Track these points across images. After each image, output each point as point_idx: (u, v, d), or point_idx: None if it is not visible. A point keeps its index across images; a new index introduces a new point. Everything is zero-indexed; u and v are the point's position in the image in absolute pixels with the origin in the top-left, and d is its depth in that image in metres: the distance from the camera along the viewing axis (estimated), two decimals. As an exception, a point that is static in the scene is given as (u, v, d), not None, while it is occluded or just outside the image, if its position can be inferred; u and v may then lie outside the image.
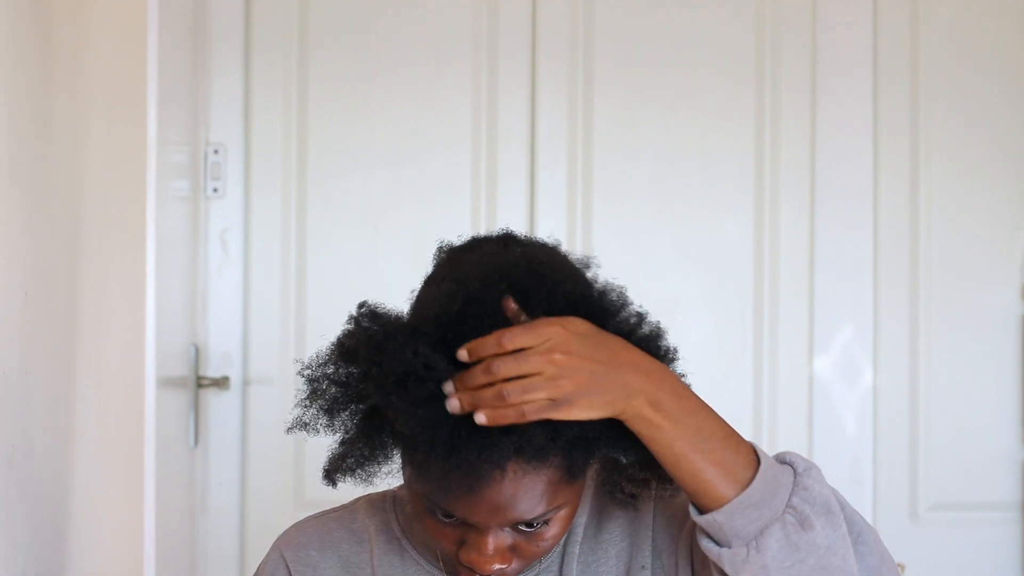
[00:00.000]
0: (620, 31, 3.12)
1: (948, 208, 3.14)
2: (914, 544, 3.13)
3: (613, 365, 1.13)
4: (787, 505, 1.16)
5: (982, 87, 3.15)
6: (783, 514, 1.16)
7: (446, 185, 3.07)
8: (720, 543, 1.17)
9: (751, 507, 1.15)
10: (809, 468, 1.18)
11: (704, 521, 1.16)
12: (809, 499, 1.16)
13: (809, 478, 1.18)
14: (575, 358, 1.11)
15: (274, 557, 1.39)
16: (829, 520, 1.17)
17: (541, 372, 1.11)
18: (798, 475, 1.17)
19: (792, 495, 1.16)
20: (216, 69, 3.02)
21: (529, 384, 1.11)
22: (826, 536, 1.16)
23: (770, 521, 1.15)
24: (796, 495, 1.16)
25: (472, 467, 1.13)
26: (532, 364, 1.11)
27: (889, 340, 3.12)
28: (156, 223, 2.24)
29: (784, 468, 1.18)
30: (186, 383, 2.85)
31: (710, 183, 3.11)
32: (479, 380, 1.12)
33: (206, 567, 2.99)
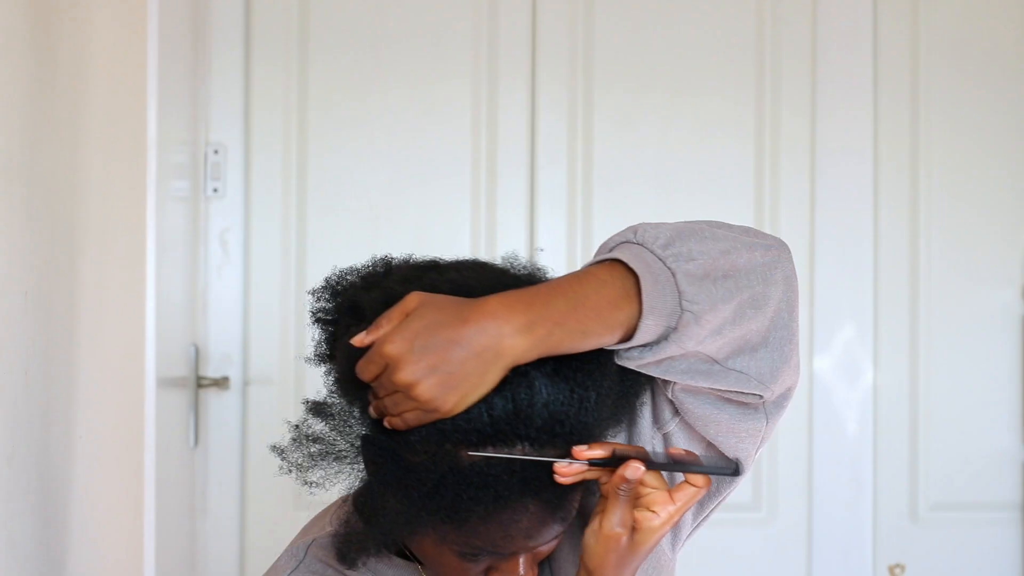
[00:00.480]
0: (620, 32, 3.12)
1: (948, 208, 3.14)
2: (914, 544, 3.13)
3: (459, 342, 1.11)
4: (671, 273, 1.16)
5: (982, 88, 3.15)
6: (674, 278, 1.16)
7: (446, 184, 3.07)
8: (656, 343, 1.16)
9: (652, 312, 1.14)
10: (655, 235, 1.18)
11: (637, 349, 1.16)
12: (683, 254, 1.16)
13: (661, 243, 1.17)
14: (415, 366, 1.11)
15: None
16: (699, 242, 1.17)
17: (396, 391, 1.12)
18: (656, 252, 1.17)
19: (672, 269, 1.16)
20: (216, 69, 3.02)
21: (394, 401, 1.13)
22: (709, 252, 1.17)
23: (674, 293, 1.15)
24: (674, 265, 1.16)
25: (532, 508, 1.16)
26: (388, 387, 1.13)
27: (889, 340, 3.13)
28: (156, 223, 2.24)
29: (641, 252, 1.16)
30: (186, 383, 2.85)
31: (710, 182, 3.11)
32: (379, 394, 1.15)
33: (206, 567, 2.99)
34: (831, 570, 3.11)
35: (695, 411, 1.24)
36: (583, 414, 1.16)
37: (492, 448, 1.14)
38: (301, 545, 1.34)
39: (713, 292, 1.15)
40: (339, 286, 1.25)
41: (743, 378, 1.19)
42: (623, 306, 1.14)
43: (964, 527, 3.15)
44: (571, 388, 1.15)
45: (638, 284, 1.14)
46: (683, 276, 1.15)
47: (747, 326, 1.18)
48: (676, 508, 1.19)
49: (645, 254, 1.16)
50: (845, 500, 3.12)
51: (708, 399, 1.23)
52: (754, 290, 1.18)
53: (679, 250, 1.16)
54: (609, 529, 1.18)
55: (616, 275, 1.15)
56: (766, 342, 1.20)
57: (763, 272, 1.19)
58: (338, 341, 1.22)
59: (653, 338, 1.15)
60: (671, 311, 1.14)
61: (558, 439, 1.16)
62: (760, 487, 3.13)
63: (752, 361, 1.19)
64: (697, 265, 1.16)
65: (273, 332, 3.05)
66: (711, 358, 1.18)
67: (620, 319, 1.14)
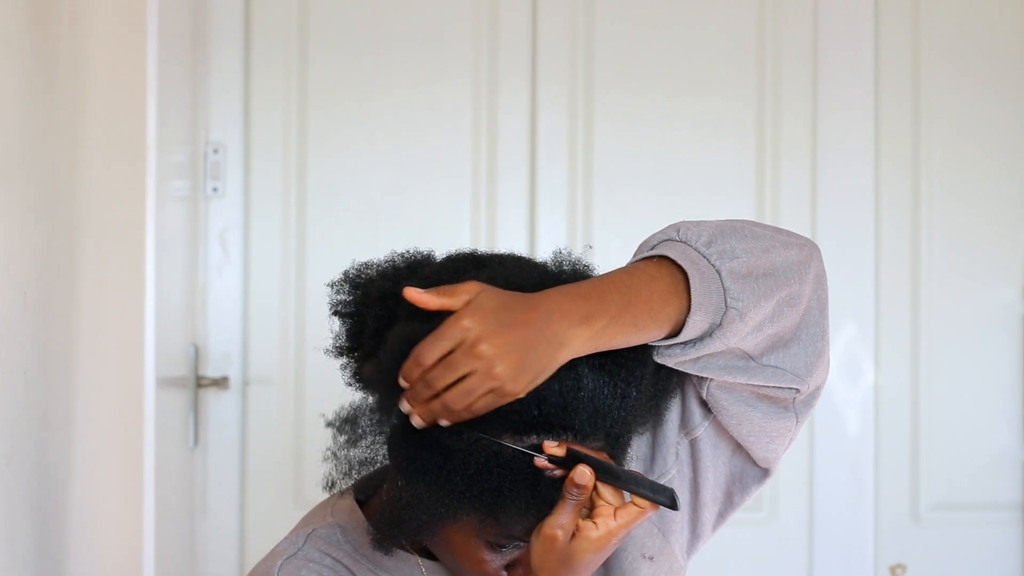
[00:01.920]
0: (621, 32, 3.12)
1: (949, 208, 3.14)
2: (915, 544, 3.13)
3: (532, 324, 1.12)
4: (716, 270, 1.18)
5: (983, 88, 3.15)
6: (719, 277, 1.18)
7: (446, 184, 3.07)
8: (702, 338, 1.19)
9: (700, 308, 1.17)
10: (698, 234, 1.21)
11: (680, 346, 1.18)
12: (727, 252, 1.19)
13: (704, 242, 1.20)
14: (497, 340, 1.11)
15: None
16: (740, 240, 1.21)
17: (473, 370, 1.11)
18: (700, 249, 1.19)
19: (716, 267, 1.18)
20: (216, 69, 3.02)
21: (466, 388, 1.11)
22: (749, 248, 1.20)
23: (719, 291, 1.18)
24: (719, 263, 1.18)
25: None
26: (461, 367, 1.11)
27: (890, 340, 3.12)
28: (156, 223, 2.24)
29: (686, 250, 1.19)
30: (186, 383, 2.85)
31: (711, 182, 3.11)
32: (425, 395, 1.13)
33: (206, 567, 2.99)
34: (832, 570, 3.11)
35: (729, 409, 1.25)
36: (624, 409, 1.18)
37: (536, 438, 1.15)
38: (302, 533, 1.34)
39: (756, 289, 1.18)
40: (358, 279, 1.25)
41: (778, 372, 1.21)
42: (672, 301, 1.16)
43: (965, 527, 3.14)
44: (614, 383, 1.17)
45: (686, 280, 1.16)
46: (727, 273, 1.18)
47: (782, 323, 1.20)
48: (616, 525, 1.17)
49: (690, 251, 1.19)
50: (846, 500, 3.12)
51: (743, 396, 1.25)
52: (791, 287, 1.20)
53: (722, 248, 1.19)
54: (549, 529, 1.17)
55: (664, 271, 1.18)
56: (798, 338, 1.22)
57: (798, 270, 1.21)
58: (365, 333, 1.22)
59: (698, 334, 1.17)
60: (717, 307, 1.17)
61: (599, 432, 1.17)
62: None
63: (786, 356, 1.21)
64: (740, 263, 1.18)
65: (273, 332, 3.05)
66: (747, 354, 1.20)
67: (669, 314, 1.16)
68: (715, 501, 1.34)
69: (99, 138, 1.84)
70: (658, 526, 1.33)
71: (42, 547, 1.50)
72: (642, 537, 1.33)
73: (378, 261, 1.26)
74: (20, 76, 1.44)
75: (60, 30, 1.61)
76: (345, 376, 1.27)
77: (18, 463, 1.42)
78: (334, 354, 1.27)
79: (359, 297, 1.24)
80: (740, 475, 1.32)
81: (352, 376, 1.26)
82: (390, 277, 1.23)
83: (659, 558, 1.33)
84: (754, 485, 1.33)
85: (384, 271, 1.25)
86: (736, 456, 1.31)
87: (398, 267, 1.24)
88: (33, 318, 1.48)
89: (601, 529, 1.17)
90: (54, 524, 1.58)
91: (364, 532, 1.31)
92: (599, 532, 1.17)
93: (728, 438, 1.30)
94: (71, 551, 1.66)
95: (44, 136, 1.53)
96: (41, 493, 1.51)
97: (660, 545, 1.33)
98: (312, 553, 1.32)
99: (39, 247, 1.51)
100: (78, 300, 1.68)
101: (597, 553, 1.18)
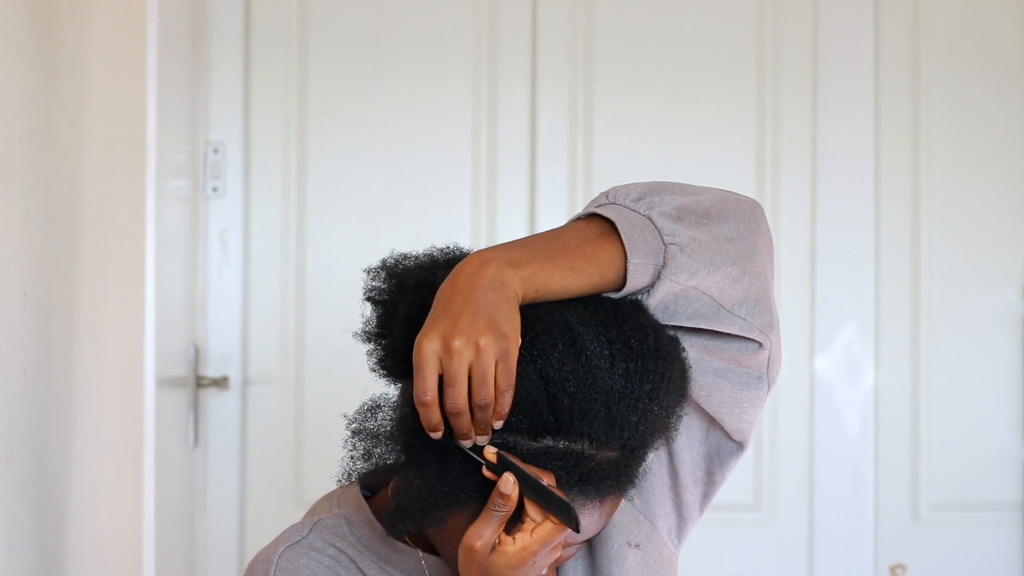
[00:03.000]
0: (621, 33, 3.12)
1: (949, 209, 3.14)
2: (915, 544, 3.13)
3: (462, 289, 1.14)
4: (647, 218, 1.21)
5: (983, 89, 3.15)
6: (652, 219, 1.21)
7: (446, 184, 3.07)
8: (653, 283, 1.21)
9: (635, 251, 1.19)
10: (626, 192, 1.24)
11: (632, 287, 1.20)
12: (655, 203, 1.23)
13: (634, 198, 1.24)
14: (456, 326, 1.12)
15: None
16: (670, 195, 1.24)
17: (468, 363, 1.12)
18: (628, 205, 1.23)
19: (646, 215, 1.22)
20: (216, 69, 3.02)
21: (479, 377, 1.12)
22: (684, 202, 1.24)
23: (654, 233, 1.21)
24: (648, 212, 1.22)
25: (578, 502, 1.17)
26: (457, 371, 1.12)
27: (891, 340, 3.12)
28: (156, 223, 2.24)
29: (616, 208, 1.22)
30: (186, 383, 2.85)
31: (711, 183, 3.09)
32: (462, 421, 1.14)
33: (206, 567, 2.99)
34: (832, 570, 3.11)
35: (698, 380, 1.25)
36: (644, 423, 1.17)
37: (550, 439, 1.15)
38: (307, 523, 1.34)
39: (690, 229, 1.21)
40: (396, 268, 1.26)
41: (746, 323, 1.22)
42: (606, 247, 1.19)
43: (965, 527, 3.14)
44: (636, 394, 1.16)
45: (617, 232, 1.19)
46: (658, 216, 1.21)
47: (737, 266, 1.22)
48: (531, 541, 1.15)
49: (619, 208, 1.22)
50: (846, 500, 3.12)
51: (711, 367, 1.25)
52: (729, 232, 1.23)
53: (651, 200, 1.23)
54: (468, 538, 1.16)
55: (594, 224, 1.21)
56: (760, 286, 1.23)
57: (736, 219, 1.24)
58: (396, 320, 1.23)
59: (647, 280, 1.20)
60: (655, 249, 1.20)
61: (615, 441, 1.16)
62: (761, 487, 3.13)
63: (752, 309, 1.23)
64: (670, 207, 1.22)
65: (273, 332, 3.05)
66: (715, 300, 1.21)
67: (606, 259, 1.18)
68: (696, 482, 1.33)
69: (99, 138, 1.84)
70: (644, 512, 1.32)
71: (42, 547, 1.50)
72: (627, 525, 1.32)
73: (416, 254, 1.27)
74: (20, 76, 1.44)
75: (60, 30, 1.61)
76: (370, 362, 1.27)
77: (18, 463, 1.42)
78: (362, 339, 1.27)
79: (394, 285, 1.25)
80: (717, 452, 1.32)
81: (377, 363, 1.26)
82: (427, 268, 1.24)
83: (647, 545, 1.33)
84: (731, 459, 1.32)
85: (422, 263, 1.25)
86: (711, 434, 1.30)
87: (436, 259, 1.25)
88: (33, 318, 1.48)
89: (518, 544, 1.15)
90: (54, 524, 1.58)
91: (369, 525, 1.31)
92: (515, 547, 1.15)
93: (701, 416, 1.29)
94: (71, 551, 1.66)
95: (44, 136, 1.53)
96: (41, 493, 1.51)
97: (647, 532, 1.33)
98: (316, 542, 1.32)
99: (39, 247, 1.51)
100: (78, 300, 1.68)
101: (513, 570, 1.16)
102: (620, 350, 1.16)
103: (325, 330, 2.98)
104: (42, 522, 1.51)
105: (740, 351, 1.24)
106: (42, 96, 1.53)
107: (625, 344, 1.17)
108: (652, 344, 1.18)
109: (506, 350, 1.12)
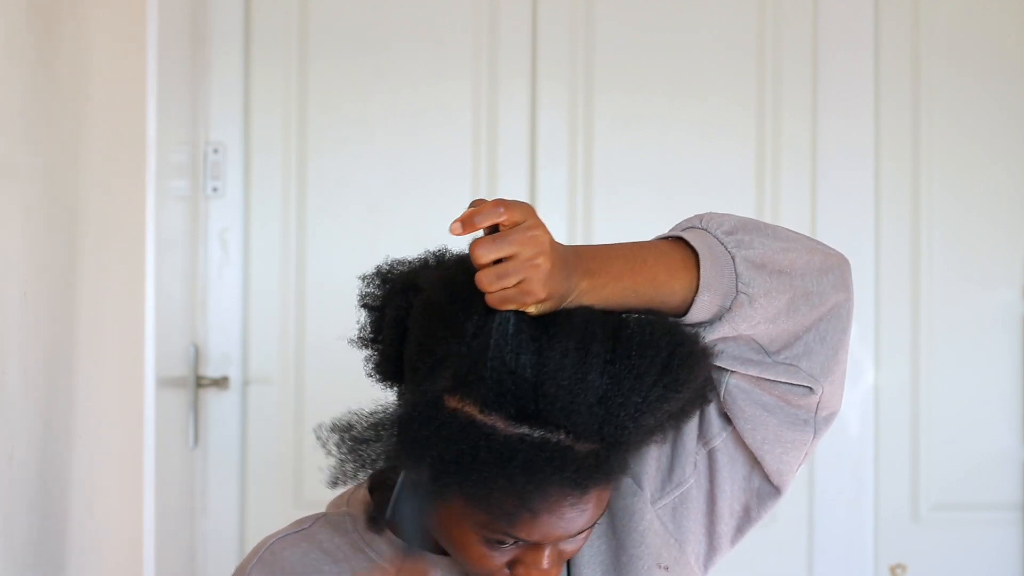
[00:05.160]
0: (621, 33, 3.12)
1: (949, 209, 3.14)
2: (916, 544, 3.13)
3: (561, 253, 1.14)
4: (731, 256, 1.20)
5: (983, 89, 3.15)
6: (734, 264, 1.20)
7: (446, 185, 3.07)
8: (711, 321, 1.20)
9: (708, 288, 1.18)
10: (720, 222, 1.23)
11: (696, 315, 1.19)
12: (744, 242, 1.21)
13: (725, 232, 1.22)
14: (549, 247, 1.12)
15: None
16: (761, 235, 1.23)
17: (517, 253, 1.11)
18: (718, 236, 1.21)
19: (731, 253, 1.20)
20: (216, 69, 3.02)
21: (502, 270, 1.11)
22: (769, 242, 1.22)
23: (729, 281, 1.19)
24: (734, 250, 1.21)
25: (557, 495, 1.16)
26: (513, 242, 1.11)
27: (891, 340, 3.12)
28: (156, 223, 2.24)
29: (704, 236, 1.21)
30: (186, 383, 2.85)
31: (711, 183, 3.11)
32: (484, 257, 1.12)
33: (206, 567, 2.99)
34: (832, 570, 3.11)
35: (745, 410, 1.25)
36: (628, 417, 1.16)
37: (528, 427, 1.14)
38: (312, 517, 1.35)
39: (768, 281, 1.20)
40: (390, 274, 1.26)
41: (792, 370, 1.22)
42: (680, 275, 1.18)
43: (965, 527, 3.14)
44: (620, 390, 1.15)
45: (698, 262, 1.18)
46: (741, 260, 1.19)
47: (798, 320, 1.21)
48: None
49: (708, 237, 1.21)
50: (846, 500, 3.12)
51: (760, 399, 1.24)
52: (809, 288, 1.22)
53: (741, 238, 1.21)
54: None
55: (677, 249, 1.20)
56: (815, 338, 1.22)
57: (819, 273, 1.23)
58: (384, 322, 1.23)
59: (707, 316, 1.19)
60: (727, 291, 1.19)
61: (594, 436, 1.15)
62: (760, 487, 3.13)
63: (802, 355, 1.22)
64: (756, 253, 1.20)
65: (273, 332, 3.05)
66: (762, 348, 1.21)
67: (674, 288, 1.18)
68: (732, 515, 1.33)
69: (99, 138, 1.84)
70: (675, 535, 1.32)
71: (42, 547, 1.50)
72: (659, 546, 1.32)
73: (411, 259, 1.27)
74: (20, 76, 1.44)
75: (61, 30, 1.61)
76: (367, 368, 1.27)
77: (18, 463, 1.42)
78: (358, 345, 1.28)
79: (385, 290, 1.25)
80: (758, 490, 1.32)
81: (373, 368, 1.26)
82: (415, 271, 1.24)
83: (674, 568, 1.33)
84: (769, 501, 1.32)
85: (412, 266, 1.26)
86: (755, 472, 1.30)
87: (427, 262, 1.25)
88: (33, 318, 1.48)
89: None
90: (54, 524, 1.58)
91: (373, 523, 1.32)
92: None
93: (746, 452, 1.29)
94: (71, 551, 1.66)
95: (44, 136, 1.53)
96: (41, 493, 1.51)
97: (676, 555, 1.33)
98: (317, 533, 1.33)
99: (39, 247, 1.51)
100: (78, 300, 1.68)
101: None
102: (623, 360, 1.15)
103: (325, 330, 2.98)
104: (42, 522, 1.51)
105: (789, 390, 1.24)
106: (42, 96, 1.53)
107: (628, 356, 1.16)
108: (661, 362, 1.16)
109: (524, 294, 1.11)
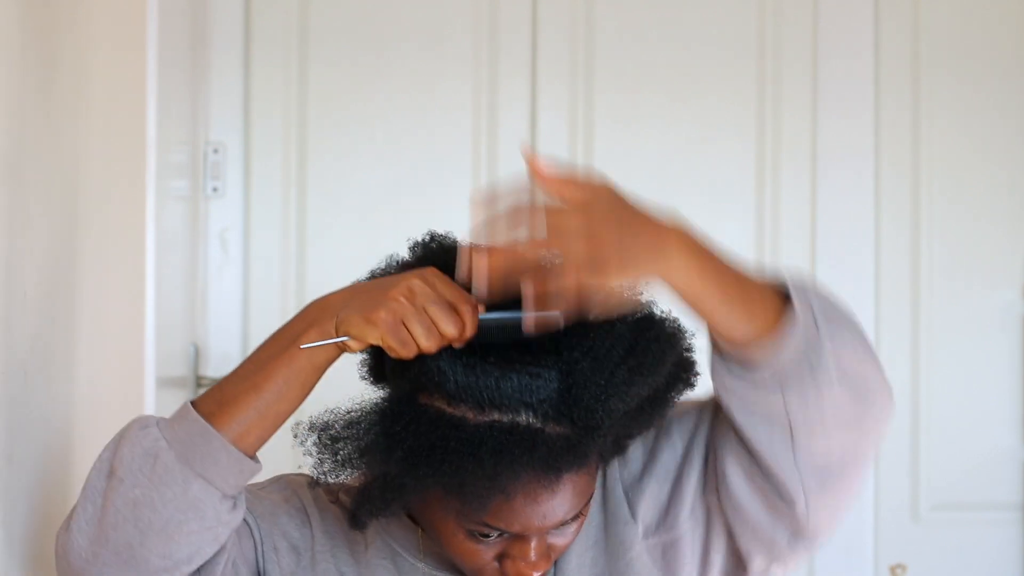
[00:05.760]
0: (621, 33, 3.12)
1: (949, 209, 3.14)
2: (915, 544, 3.13)
3: (643, 220, 1.13)
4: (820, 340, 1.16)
5: (983, 90, 3.15)
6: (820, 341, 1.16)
7: (447, 185, 3.07)
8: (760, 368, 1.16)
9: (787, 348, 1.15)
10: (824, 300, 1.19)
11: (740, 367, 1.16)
12: (837, 335, 1.17)
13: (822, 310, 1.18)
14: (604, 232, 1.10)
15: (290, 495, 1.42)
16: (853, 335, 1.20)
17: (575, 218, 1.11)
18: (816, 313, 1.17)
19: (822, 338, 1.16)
20: (216, 69, 3.02)
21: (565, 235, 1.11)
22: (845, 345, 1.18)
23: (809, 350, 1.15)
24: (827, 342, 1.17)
25: (530, 479, 1.15)
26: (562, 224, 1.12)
27: (891, 340, 3.12)
28: (156, 223, 2.24)
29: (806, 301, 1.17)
30: (186, 383, 2.85)
31: (711, 184, 3.11)
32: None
33: (206, 567, 2.99)
34: (832, 570, 3.11)
35: (734, 492, 1.23)
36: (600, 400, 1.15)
37: (497, 413, 1.14)
38: (272, 478, 1.42)
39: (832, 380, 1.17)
40: (385, 275, 1.26)
41: (794, 474, 1.19)
42: (771, 321, 1.15)
43: (965, 527, 3.14)
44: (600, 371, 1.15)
45: (782, 314, 1.15)
46: (828, 349, 1.16)
47: (834, 437, 1.20)
48: None
49: (809, 312, 1.16)
50: (846, 500, 3.11)
51: (748, 477, 1.22)
52: (859, 398, 1.22)
53: (835, 330, 1.17)
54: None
55: (778, 298, 1.16)
56: (839, 460, 1.21)
57: (875, 393, 1.25)
58: None
59: (767, 362, 1.15)
60: (797, 361, 1.15)
61: (564, 420, 1.15)
62: (760, 487, 3.13)
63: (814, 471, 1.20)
64: (842, 353, 1.17)
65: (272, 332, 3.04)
66: (790, 429, 1.18)
67: (757, 327, 1.14)
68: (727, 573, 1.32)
69: (99, 138, 1.84)
70: (664, 574, 1.31)
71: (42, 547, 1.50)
72: None
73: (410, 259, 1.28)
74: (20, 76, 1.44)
75: (60, 30, 1.61)
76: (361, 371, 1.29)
77: (18, 463, 1.42)
78: None
79: None
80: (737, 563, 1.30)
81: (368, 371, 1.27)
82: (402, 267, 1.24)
83: None
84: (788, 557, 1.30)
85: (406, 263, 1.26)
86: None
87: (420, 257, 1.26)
88: (33, 318, 1.48)
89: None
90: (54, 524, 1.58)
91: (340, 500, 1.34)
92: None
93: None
94: (71, 551, 1.65)
95: (44, 136, 1.53)
96: (41, 493, 1.51)
97: None
98: (320, 496, 1.39)
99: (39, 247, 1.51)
100: (78, 300, 1.68)
101: None
102: (582, 341, 1.16)
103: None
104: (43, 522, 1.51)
105: (773, 491, 1.21)
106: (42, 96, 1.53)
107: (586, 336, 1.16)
108: (624, 345, 1.17)
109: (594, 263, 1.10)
